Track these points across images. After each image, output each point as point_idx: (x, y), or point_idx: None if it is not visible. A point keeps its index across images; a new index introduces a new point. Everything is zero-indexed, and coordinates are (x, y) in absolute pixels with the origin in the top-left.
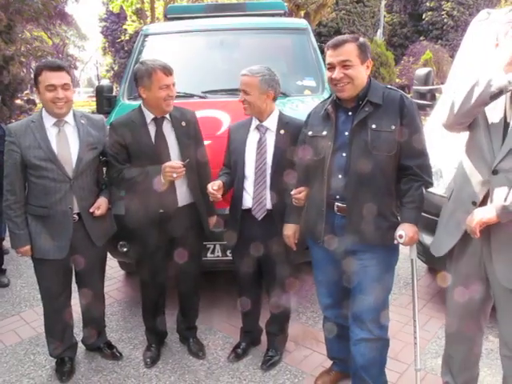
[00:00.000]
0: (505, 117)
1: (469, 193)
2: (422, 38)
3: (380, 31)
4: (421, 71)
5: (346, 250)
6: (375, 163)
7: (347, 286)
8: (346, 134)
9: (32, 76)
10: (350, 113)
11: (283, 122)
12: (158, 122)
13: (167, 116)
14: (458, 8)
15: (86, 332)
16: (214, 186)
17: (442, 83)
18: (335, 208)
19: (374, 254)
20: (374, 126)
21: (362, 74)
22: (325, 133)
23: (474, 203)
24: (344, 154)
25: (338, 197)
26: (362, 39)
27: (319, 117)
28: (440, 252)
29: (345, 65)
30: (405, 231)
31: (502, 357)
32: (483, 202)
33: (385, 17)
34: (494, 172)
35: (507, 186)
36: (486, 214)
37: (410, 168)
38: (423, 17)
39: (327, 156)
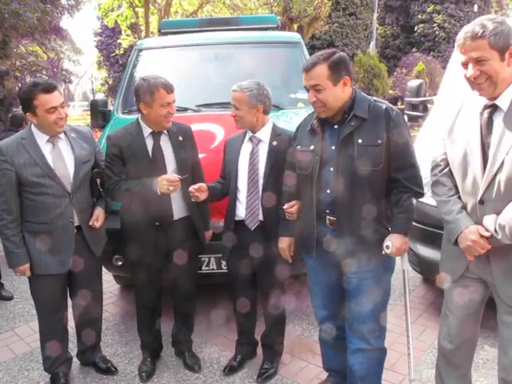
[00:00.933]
0: (482, 144)
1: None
2: (414, 50)
3: (373, 43)
4: (413, 83)
5: (340, 262)
6: (362, 177)
7: (342, 296)
8: (333, 148)
9: None
10: (335, 126)
11: (276, 133)
12: (155, 136)
13: (165, 130)
14: (449, 20)
15: (82, 346)
16: (195, 186)
17: (435, 94)
18: (327, 221)
19: (368, 266)
20: (360, 141)
21: (334, 95)
22: (312, 147)
23: None
24: (331, 169)
25: (327, 211)
26: (336, 56)
27: (306, 131)
28: (454, 278)
29: (315, 89)
30: (392, 242)
31: (499, 379)
32: None
33: (377, 29)
34: (481, 202)
35: (495, 215)
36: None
37: (398, 180)
38: (415, 29)
39: (315, 170)
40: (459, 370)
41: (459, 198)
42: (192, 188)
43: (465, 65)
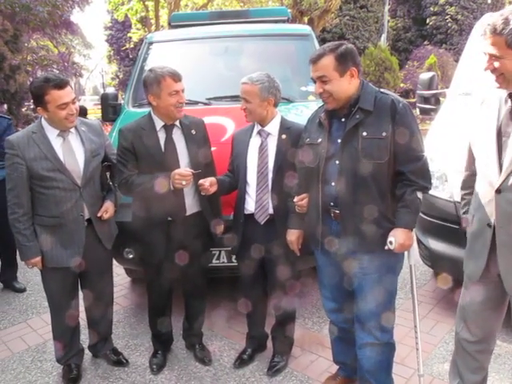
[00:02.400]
0: (498, 133)
1: (482, 214)
2: (426, 43)
3: (384, 36)
4: (425, 75)
5: (345, 256)
6: (367, 171)
7: (350, 290)
8: (339, 141)
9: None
10: (343, 119)
11: (285, 126)
12: (167, 129)
13: (177, 123)
14: (462, 12)
15: (93, 338)
16: (206, 182)
17: (447, 87)
18: (332, 214)
19: (374, 260)
20: (364, 134)
21: (341, 86)
22: (319, 140)
23: (489, 225)
24: (337, 162)
25: (332, 203)
26: (343, 47)
27: (315, 124)
28: (476, 276)
29: (322, 80)
30: (395, 237)
31: None
32: None
33: (389, 22)
34: (498, 191)
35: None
36: None
37: (403, 174)
38: (427, 21)
39: (321, 163)
40: (477, 362)
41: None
42: (202, 181)
43: (485, 54)
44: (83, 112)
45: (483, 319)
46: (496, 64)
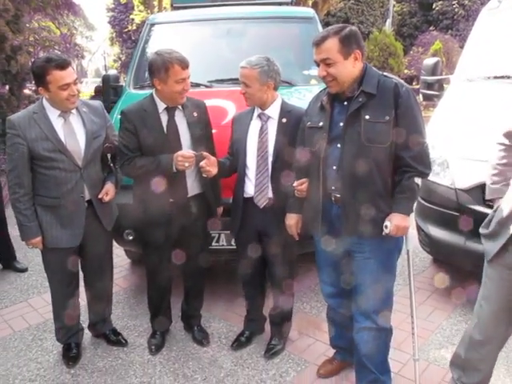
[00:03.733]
0: None
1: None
2: (431, 28)
3: (389, 21)
4: (429, 61)
5: (344, 241)
6: (369, 154)
7: (347, 276)
8: (341, 124)
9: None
10: (345, 103)
11: (285, 110)
12: (170, 111)
13: (179, 106)
14: None
15: (93, 318)
16: (206, 161)
17: (452, 74)
18: (332, 198)
19: (373, 245)
20: (367, 117)
21: (345, 69)
22: (321, 124)
23: None
24: (339, 145)
25: (333, 188)
26: (347, 30)
27: (317, 107)
28: (491, 254)
29: (326, 63)
30: (391, 221)
31: None
32: None
33: (394, 6)
34: None
35: None
36: None
37: (403, 159)
38: (433, 6)
39: (322, 147)
40: (483, 361)
41: None
42: (203, 163)
43: None
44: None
45: (498, 321)
46: None
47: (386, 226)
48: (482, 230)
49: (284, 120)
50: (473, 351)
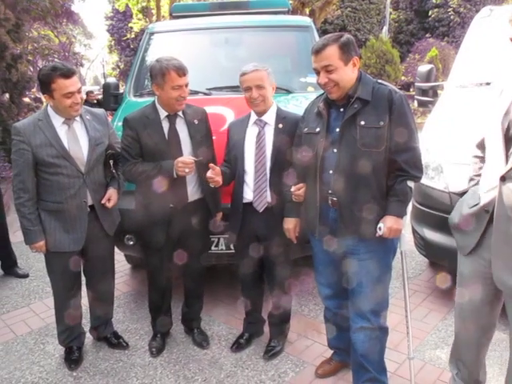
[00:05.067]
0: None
1: (483, 200)
2: (428, 35)
3: (386, 28)
4: (423, 68)
5: (341, 243)
6: (364, 159)
7: (345, 276)
8: (337, 130)
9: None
10: (341, 109)
11: (281, 116)
12: (171, 118)
13: (180, 113)
14: (464, 4)
15: (95, 322)
16: (212, 172)
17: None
18: (329, 202)
19: (369, 246)
20: (362, 123)
21: (346, 75)
22: (318, 129)
23: (487, 211)
24: (335, 151)
25: (330, 191)
26: (345, 37)
27: (313, 113)
28: (466, 250)
29: (327, 70)
30: (384, 223)
31: None
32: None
33: (391, 14)
34: (502, 179)
35: None
36: None
37: (397, 163)
38: (429, 14)
39: (319, 152)
40: (477, 354)
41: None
42: (210, 174)
43: None
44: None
45: (481, 316)
46: None
47: (380, 228)
48: (450, 221)
49: (280, 126)
50: (466, 348)
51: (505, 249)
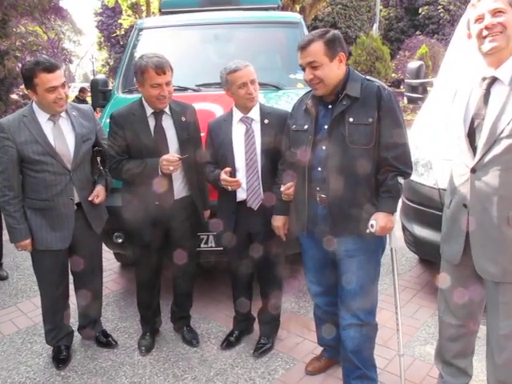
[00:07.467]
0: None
1: (458, 196)
2: (418, 33)
3: (376, 25)
4: (413, 65)
5: (330, 240)
6: (353, 156)
7: (334, 273)
8: (326, 127)
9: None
10: (329, 106)
11: (265, 112)
12: (157, 115)
13: (167, 110)
14: (454, 2)
15: (83, 321)
16: (228, 175)
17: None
18: (318, 199)
19: (358, 243)
20: (351, 120)
21: (332, 71)
22: (306, 127)
23: (465, 206)
24: (324, 147)
25: (318, 188)
26: (330, 33)
27: (301, 111)
28: (457, 259)
29: (312, 66)
30: (376, 220)
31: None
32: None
33: (381, 11)
34: (473, 171)
35: (487, 184)
36: None
37: (386, 159)
38: (419, 11)
39: (308, 149)
40: (462, 346)
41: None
42: (229, 179)
43: (480, 19)
44: None
45: (464, 301)
46: (501, 19)
47: (372, 225)
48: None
49: (266, 121)
50: (450, 339)
51: (483, 238)
